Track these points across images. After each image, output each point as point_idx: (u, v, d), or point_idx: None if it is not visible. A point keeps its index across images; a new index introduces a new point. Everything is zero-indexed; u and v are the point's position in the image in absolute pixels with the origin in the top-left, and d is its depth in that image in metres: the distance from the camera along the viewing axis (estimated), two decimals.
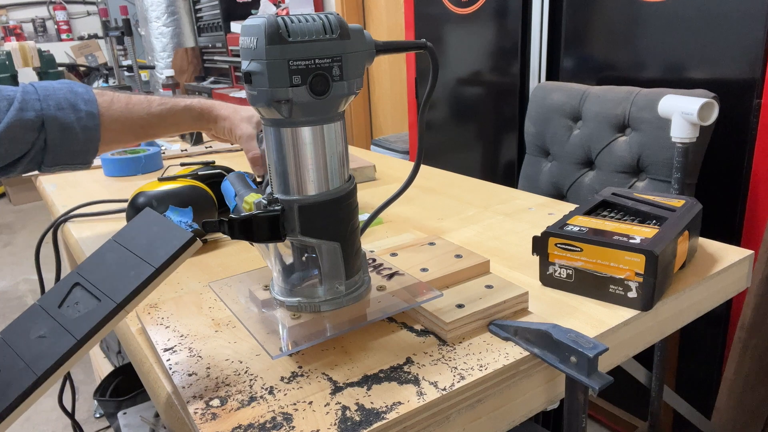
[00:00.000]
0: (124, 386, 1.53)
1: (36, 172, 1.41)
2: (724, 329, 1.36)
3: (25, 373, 0.45)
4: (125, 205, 0.89)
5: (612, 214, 0.74)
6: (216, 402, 0.49)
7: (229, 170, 0.95)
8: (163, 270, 0.49)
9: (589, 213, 0.73)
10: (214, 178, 0.91)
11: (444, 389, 0.50)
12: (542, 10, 1.59)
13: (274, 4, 3.42)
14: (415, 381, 0.51)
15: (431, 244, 0.72)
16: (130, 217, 0.84)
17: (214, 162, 1.00)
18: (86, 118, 0.85)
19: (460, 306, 0.59)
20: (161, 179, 0.86)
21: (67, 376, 1.05)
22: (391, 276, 0.63)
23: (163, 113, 0.94)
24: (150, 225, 0.52)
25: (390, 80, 3.07)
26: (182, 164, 0.95)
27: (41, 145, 0.83)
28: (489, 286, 0.63)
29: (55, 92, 0.84)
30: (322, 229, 0.53)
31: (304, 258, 0.56)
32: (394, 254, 0.70)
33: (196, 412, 0.48)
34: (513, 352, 0.55)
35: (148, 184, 0.85)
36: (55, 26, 5.97)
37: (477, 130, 1.92)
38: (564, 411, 0.54)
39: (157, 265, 0.48)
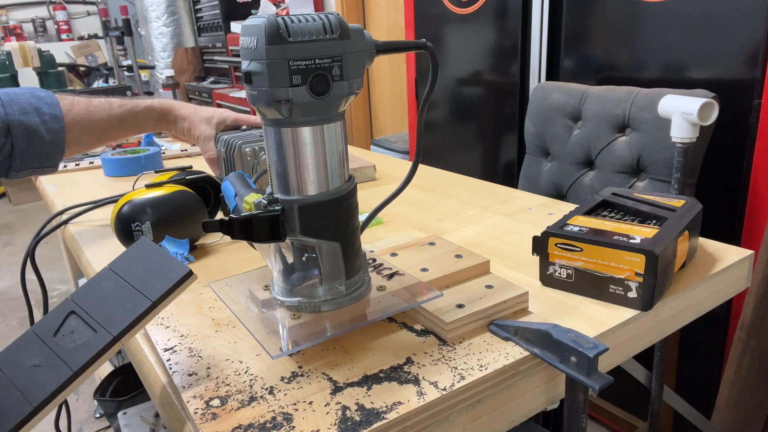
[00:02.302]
0: (124, 386, 1.53)
1: None
2: (724, 329, 1.36)
3: (20, 402, 0.44)
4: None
5: (612, 214, 0.74)
6: (216, 402, 0.49)
7: (210, 175, 0.94)
8: (159, 303, 0.49)
9: (589, 213, 0.73)
10: (201, 182, 0.91)
11: (444, 389, 0.50)
12: (542, 10, 1.59)
13: (274, 4, 3.42)
14: (415, 381, 0.51)
15: (431, 244, 0.72)
16: (116, 228, 0.82)
17: (191, 167, 0.99)
18: (51, 120, 0.85)
19: (460, 306, 0.59)
20: (149, 186, 0.85)
21: (63, 401, 1.05)
22: (391, 276, 0.63)
23: (123, 115, 0.95)
24: (146, 255, 0.52)
25: (390, 80, 3.07)
26: (157, 171, 0.95)
27: (8, 151, 0.83)
28: (489, 286, 0.63)
29: (18, 97, 0.85)
30: (322, 229, 0.53)
31: (304, 258, 0.56)
32: (394, 254, 0.70)
33: (196, 412, 0.48)
34: (513, 352, 0.55)
35: (136, 191, 0.84)
36: (55, 26, 5.97)
37: (477, 130, 1.92)
38: (564, 411, 0.54)
39: (154, 299, 0.48)
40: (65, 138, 0.88)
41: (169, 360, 0.56)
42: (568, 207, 0.95)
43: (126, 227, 0.80)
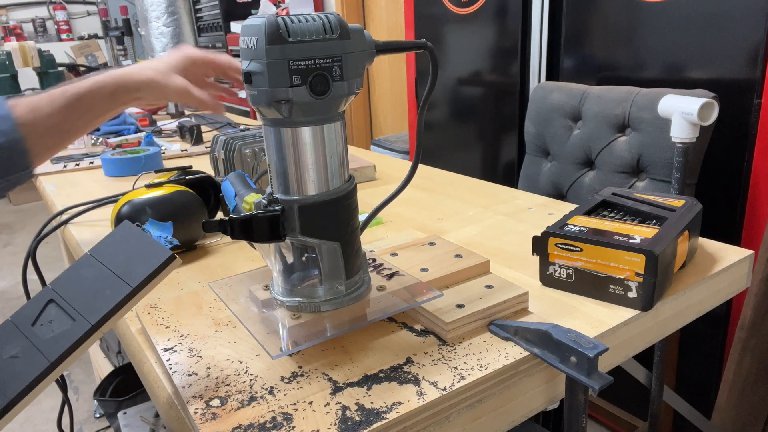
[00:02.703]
0: (124, 386, 1.53)
1: (36, 172, 1.41)
2: (724, 329, 1.36)
3: None
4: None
5: (612, 214, 0.74)
6: (216, 402, 0.49)
7: (210, 175, 0.94)
8: (140, 289, 0.47)
9: (589, 213, 0.73)
10: (201, 182, 0.90)
11: (444, 389, 0.50)
12: (542, 10, 1.59)
13: (274, 4, 3.42)
14: (415, 381, 0.51)
15: (431, 244, 0.72)
16: (116, 226, 0.81)
17: (191, 167, 0.98)
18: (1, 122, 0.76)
19: (460, 306, 0.59)
20: (149, 186, 0.85)
21: (66, 401, 1.01)
22: (391, 276, 0.63)
23: (70, 103, 0.80)
24: (128, 240, 0.51)
25: (390, 80, 3.07)
26: (157, 171, 0.92)
27: None
28: (489, 286, 0.63)
29: None
30: (322, 229, 0.53)
31: (304, 258, 0.56)
32: (394, 254, 0.70)
33: (196, 412, 0.48)
34: (513, 352, 0.55)
35: (136, 191, 0.84)
36: (55, 26, 5.97)
37: (477, 130, 1.92)
38: (564, 411, 0.54)
39: (134, 285, 0.47)
40: (22, 138, 0.77)
41: (169, 360, 0.56)
42: (568, 207, 0.95)
43: None
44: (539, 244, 0.68)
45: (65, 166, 1.43)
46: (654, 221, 0.70)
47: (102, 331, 0.46)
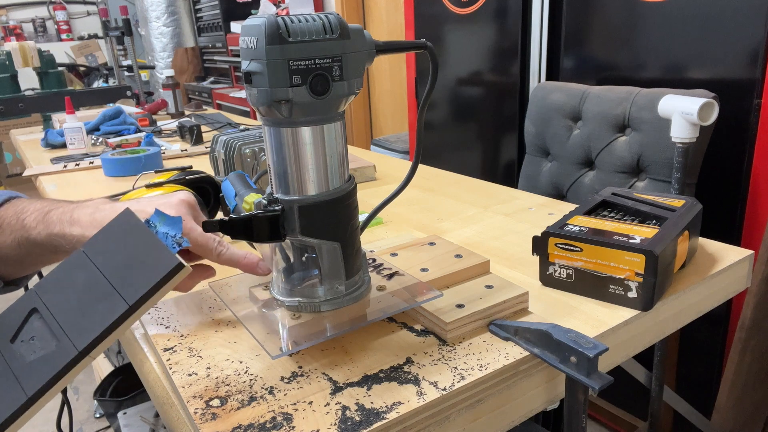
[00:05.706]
0: (124, 386, 1.53)
1: (37, 172, 1.41)
2: (724, 329, 1.36)
3: None
4: None
5: (612, 214, 0.74)
6: (216, 402, 0.49)
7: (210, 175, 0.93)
8: (138, 307, 0.39)
9: (589, 213, 0.73)
10: (201, 182, 0.90)
11: (444, 389, 0.50)
12: (542, 10, 1.59)
13: (274, 4, 3.42)
14: (415, 381, 0.51)
15: (431, 244, 0.72)
16: None
17: (191, 167, 0.96)
18: None
19: (460, 306, 0.59)
20: (149, 186, 0.85)
21: (65, 401, 0.94)
22: (391, 276, 0.63)
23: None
24: (129, 235, 0.42)
25: (390, 80, 3.07)
26: (157, 171, 0.90)
27: None
28: (489, 286, 0.63)
29: None
30: (322, 229, 0.53)
31: (304, 258, 0.56)
32: (394, 254, 0.70)
33: (196, 412, 0.48)
34: (513, 352, 0.55)
35: (136, 191, 0.84)
36: (55, 26, 5.97)
37: (477, 130, 1.92)
38: (564, 411, 0.54)
39: (131, 302, 0.39)
40: None
41: (169, 360, 0.56)
42: (568, 207, 0.95)
43: None
44: (539, 244, 0.68)
45: (65, 166, 1.43)
46: (654, 221, 0.70)
47: (92, 356, 0.39)
